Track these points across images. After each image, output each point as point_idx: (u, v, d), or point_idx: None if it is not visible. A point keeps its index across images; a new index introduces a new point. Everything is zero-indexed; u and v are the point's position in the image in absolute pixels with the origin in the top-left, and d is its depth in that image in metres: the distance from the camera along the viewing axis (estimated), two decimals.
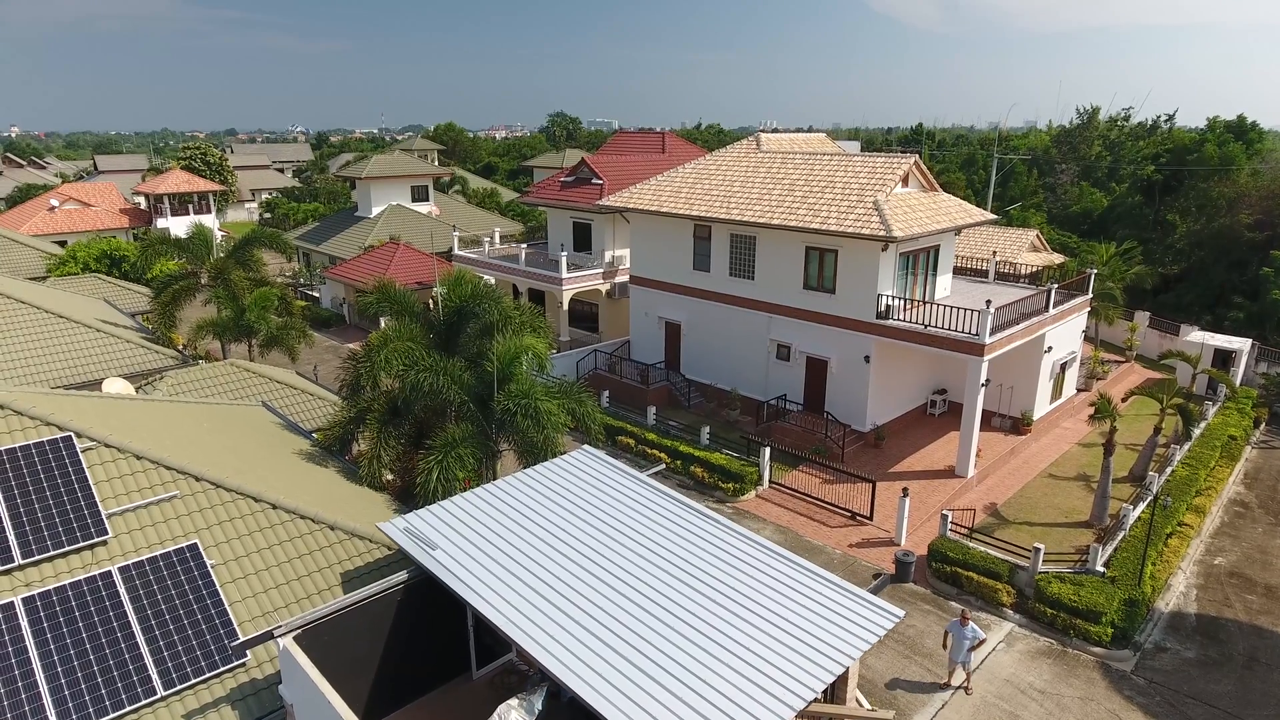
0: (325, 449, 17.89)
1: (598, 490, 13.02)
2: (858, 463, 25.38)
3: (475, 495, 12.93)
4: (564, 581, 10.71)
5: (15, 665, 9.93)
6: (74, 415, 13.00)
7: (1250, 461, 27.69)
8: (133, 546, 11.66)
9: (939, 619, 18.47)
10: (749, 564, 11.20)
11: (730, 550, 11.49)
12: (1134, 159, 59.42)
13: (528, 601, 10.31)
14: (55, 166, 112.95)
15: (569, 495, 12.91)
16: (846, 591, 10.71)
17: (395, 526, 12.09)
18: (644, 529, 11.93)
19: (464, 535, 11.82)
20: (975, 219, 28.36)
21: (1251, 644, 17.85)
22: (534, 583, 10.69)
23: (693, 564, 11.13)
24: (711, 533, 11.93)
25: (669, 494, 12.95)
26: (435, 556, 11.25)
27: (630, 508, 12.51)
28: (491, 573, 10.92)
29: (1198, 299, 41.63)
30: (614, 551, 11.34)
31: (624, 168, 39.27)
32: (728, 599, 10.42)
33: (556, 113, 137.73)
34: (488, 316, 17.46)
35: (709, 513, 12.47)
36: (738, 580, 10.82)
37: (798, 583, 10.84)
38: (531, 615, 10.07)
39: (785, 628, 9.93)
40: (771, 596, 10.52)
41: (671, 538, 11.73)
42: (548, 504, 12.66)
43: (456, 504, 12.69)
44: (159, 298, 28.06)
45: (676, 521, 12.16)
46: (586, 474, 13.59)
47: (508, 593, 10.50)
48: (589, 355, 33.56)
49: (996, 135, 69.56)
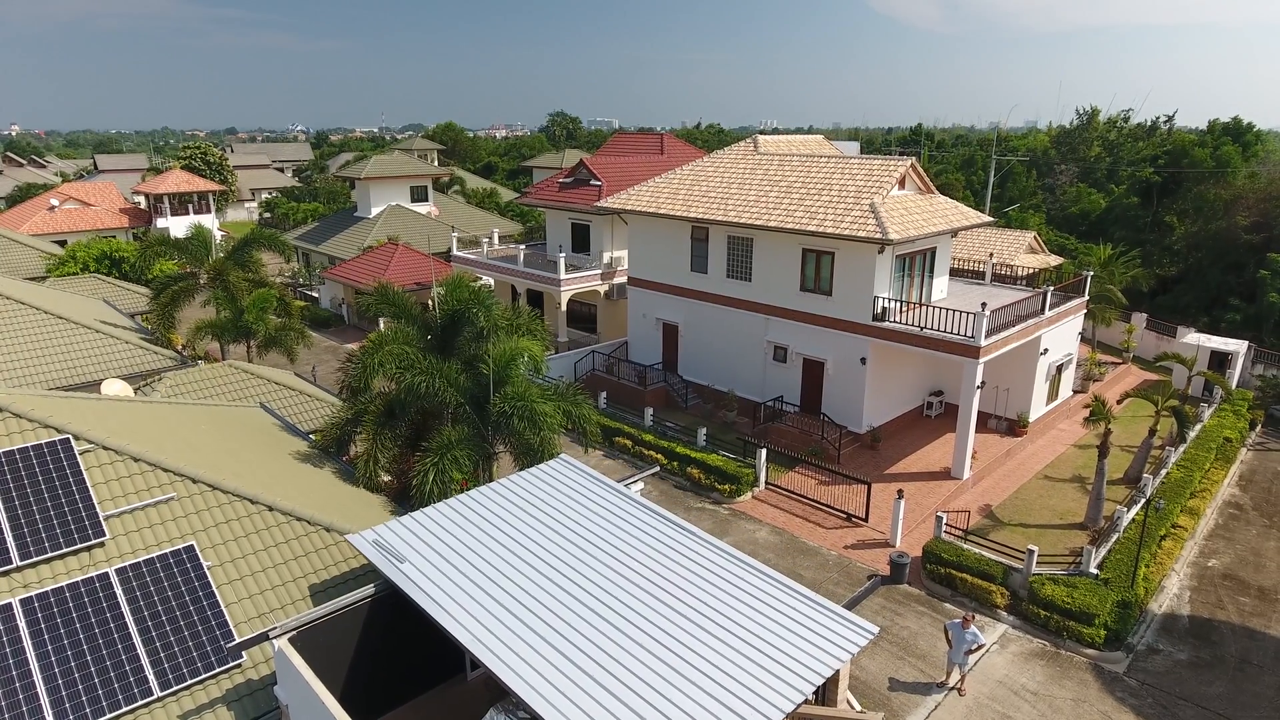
0: (322, 450, 17.98)
1: (573, 501, 12.89)
2: (854, 464, 25.47)
3: (448, 506, 12.77)
4: (532, 596, 10.56)
5: (13, 666, 10.02)
6: (72, 417, 13.10)
7: (1245, 464, 27.77)
8: (130, 548, 11.75)
9: (933, 620, 18.57)
10: (723, 578, 11.04)
11: (704, 564, 11.34)
12: (1133, 160, 59.50)
13: (493, 616, 10.17)
14: (55, 165, 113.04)
15: (543, 507, 12.76)
16: (822, 608, 10.55)
17: (365, 539, 11.87)
18: (617, 542, 11.79)
19: (434, 548, 11.64)
20: (972, 221, 28.45)
21: (1244, 646, 17.94)
22: (501, 597, 10.54)
23: (665, 578, 10.99)
24: (686, 546, 11.78)
25: (645, 505, 12.79)
26: (402, 569, 11.09)
27: (605, 520, 12.37)
28: (459, 586, 10.75)
29: (1194, 301, 41.72)
30: (585, 565, 11.19)
31: (623, 169, 39.37)
32: (699, 614, 10.29)
33: (556, 112, 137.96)
34: (479, 322, 17.53)
35: (685, 525, 12.31)
36: (710, 595, 10.67)
37: (772, 598, 10.69)
38: (497, 630, 9.92)
39: (757, 644, 9.80)
40: (744, 612, 10.36)
41: (645, 551, 11.60)
42: (521, 515, 12.50)
43: (429, 515, 12.52)
44: (158, 299, 28.14)
45: (651, 535, 12.02)
46: (562, 484, 13.43)
47: (474, 607, 10.33)
48: (587, 356, 33.65)
49: (995, 136, 69.58)
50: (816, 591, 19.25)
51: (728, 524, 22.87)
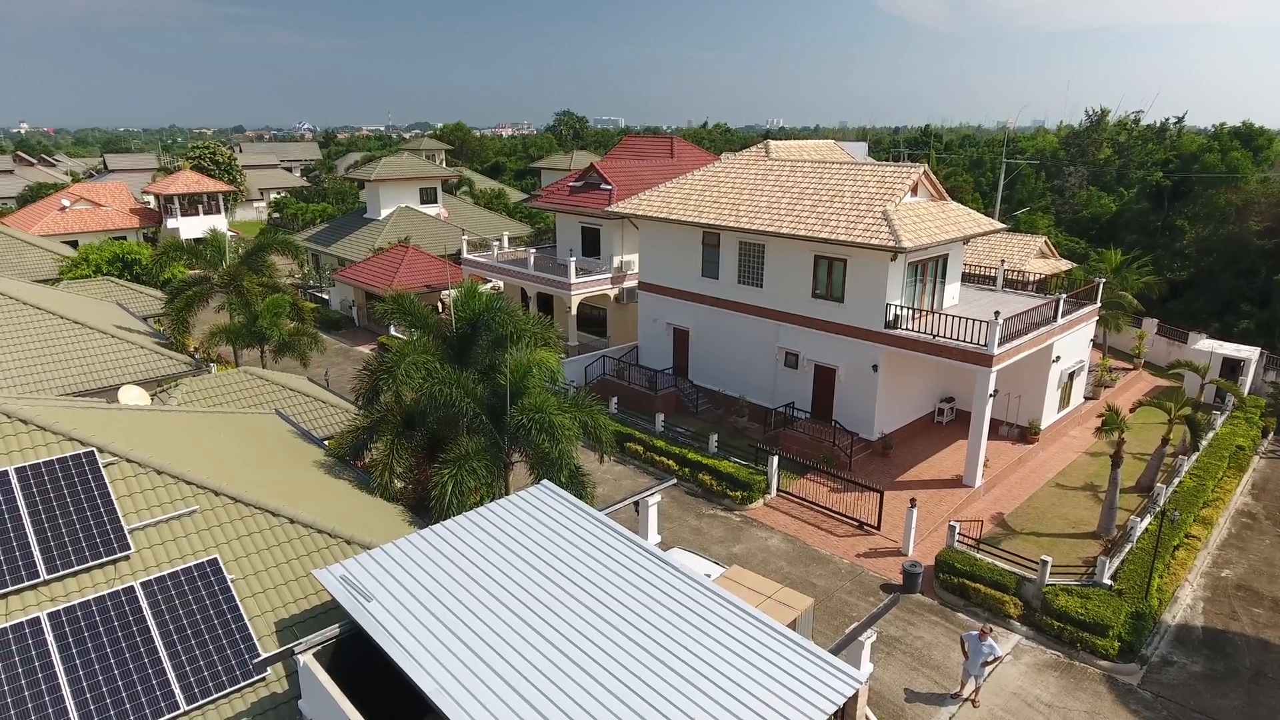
0: (338, 458, 18.08)
1: (554, 534, 12.36)
2: (865, 471, 25.50)
3: (421, 538, 12.21)
4: (505, 641, 10.10)
5: (42, 680, 10.13)
6: (96, 430, 13.20)
7: (1258, 472, 27.71)
8: (154, 561, 11.84)
9: (946, 631, 18.61)
10: (708, 620, 10.57)
11: (689, 605, 10.84)
12: (1143, 163, 59.34)
13: (462, 663, 9.71)
14: (65, 165, 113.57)
15: (522, 540, 12.22)
16: (809, 654, 10.08)
17: (332, 574, 11.32)
18: (598, 579, 11.31)
19: (404, 585, 11.11)
20: (984, 229, 28.42)
21: (1258, 658, 17.94)
22: (472, 641, 10.07)
23: (646, 620, 10.52)
24: (671, 585, 11.22)
25: (629, 539, 12.24)
26: (369, 608, 10.57)
27: (585, 556, 11.85)
28: (427, 628, 10.28)
29: (1206, 306, 41.60)
30: (563, 606, 10.74)
31: (633, 173, 39.42)
32: (680, 662, 9.82)
33: (563, 111, 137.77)
34: (500, 330, 17.59)
35: (666, 559, 11.77)
36: (693, 641, 10.18)
37: (755, 641, 10.21)
38: (464, 679, 9.45)
39: (734, 692, 9.34)
40: (728, 659, 9.91)
41: (626, 590, 11.11)
42: (499, 550, 11.96)
43: (400, 548, 11.96)
44: (173, 303, 28.28)
45: (633, 572, 11.48)
46: (543, 515, 12.87)
47: (442, 652, 9.86)
48: (597, 361, 33.72)
49: (1005, 138, 69.38)
50: (830, 600, 19.45)
51: (740, 531, 22.92)
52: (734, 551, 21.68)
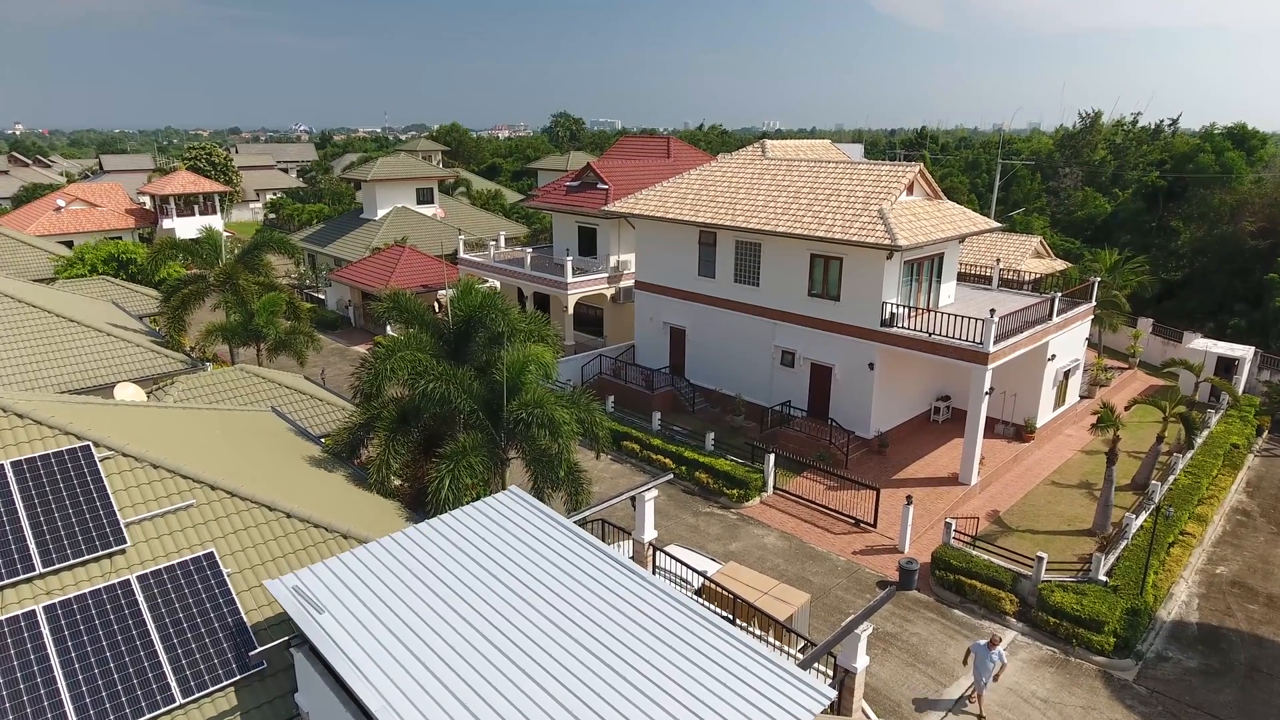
0: (334, 454, 18.07)
1: (519, 543, 11.93)
2: (861, 469, 25.54)
3: (380, 547, 11.81)
4: (461, 657, 9.69)
5: (38, 673, 10.11)
6: (91, 424, 13.18)
7: (1252, 470, 27.82)
8: (150, 555, 11.83)
9: (942, 628, 18.65)
10: (676, 634, 10.28)
11: (655, 617, 10.53)
12: (1138, 164, 59.56)
13: (414, 681, 9.32)
14: (60, 165, 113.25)
15: (486, 549, 11.76)
16: (777, 669, 9.82)
17: (284, 585, 10.82)
18: (560, 591, 10.92)
19: (359, 597, 10.65)
20: (979, 227, 28.52)
21: (1253, 654, 18.01)
22: (427, 657, 9.66)
23: (611, 634, 10.20)
24: (639, 597, 10.84)
25: (597, 548, 11.87)
26: (320, 621, 10.13)
27: (551, 567, 11.46)
28: (380, 643, 9.86)
29: (1200, 306, 41.78)
30: (525, 620, 10.34)
31: (629, 173, 39.47)
32: (641, 675, 9.56)
33: (560, 113, 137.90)
34: (496, 327, 17.60)
35: (637, 570, 11.44)
36: (660, 656, 9.88)
37: (724, 657, 9.95)
38: (416, 698, 9.08)
39: (698, 709, 9.09)
40: (690, 673, 9.64)
41: (590, 600, 10.76)
42: (461, 560, 11.50)
43: (358, 557, 11.51)
44: (169, 301, 28.24)
45: (599, 582, 11.11)
46: (509, 523, 12.45)
47: (394, 669, 9.46)
48: (594, 360, 33.74)
49: (1000, 139, 69.52)
50: (826, 597, 19.47)
51: (736, 529, 22.94)
52: (731, 549, 21.70)
